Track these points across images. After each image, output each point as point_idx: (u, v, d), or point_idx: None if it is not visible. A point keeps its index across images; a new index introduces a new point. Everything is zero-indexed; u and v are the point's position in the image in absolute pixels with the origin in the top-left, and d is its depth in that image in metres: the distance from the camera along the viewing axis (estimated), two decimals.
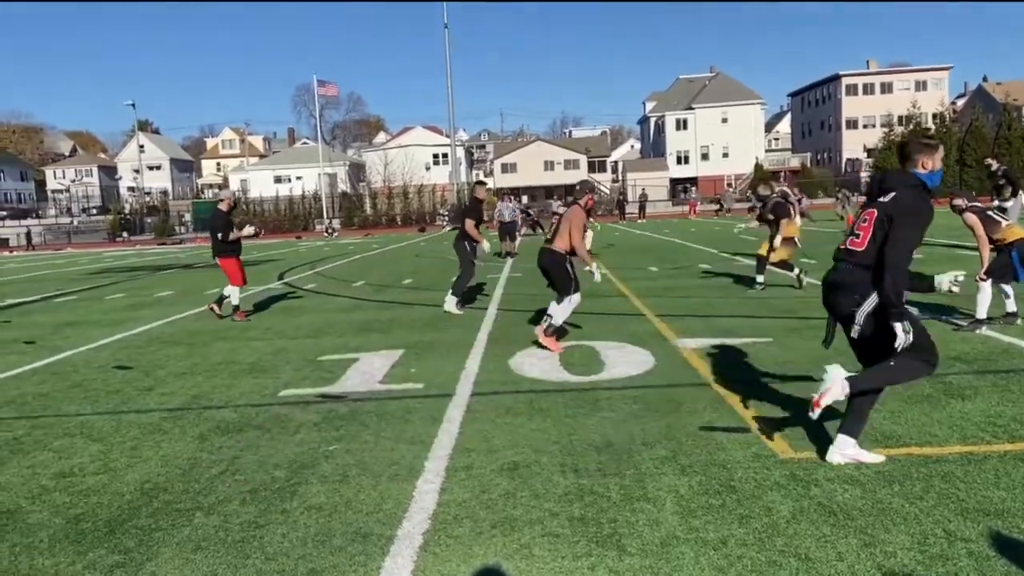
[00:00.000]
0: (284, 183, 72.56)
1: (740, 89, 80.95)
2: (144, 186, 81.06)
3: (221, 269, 10.89)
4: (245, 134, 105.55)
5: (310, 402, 5.98)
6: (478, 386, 6.21)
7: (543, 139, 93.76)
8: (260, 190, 69.32)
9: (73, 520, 3.84)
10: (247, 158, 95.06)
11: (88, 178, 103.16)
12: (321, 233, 50.03)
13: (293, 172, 76.55)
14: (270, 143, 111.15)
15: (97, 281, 19.40)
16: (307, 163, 73.59)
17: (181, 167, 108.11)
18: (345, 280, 16.09)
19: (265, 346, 8.52)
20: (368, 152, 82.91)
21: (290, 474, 4.36)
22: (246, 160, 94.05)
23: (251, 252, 31.71)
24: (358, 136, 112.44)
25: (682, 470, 4.12)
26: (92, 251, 41.47)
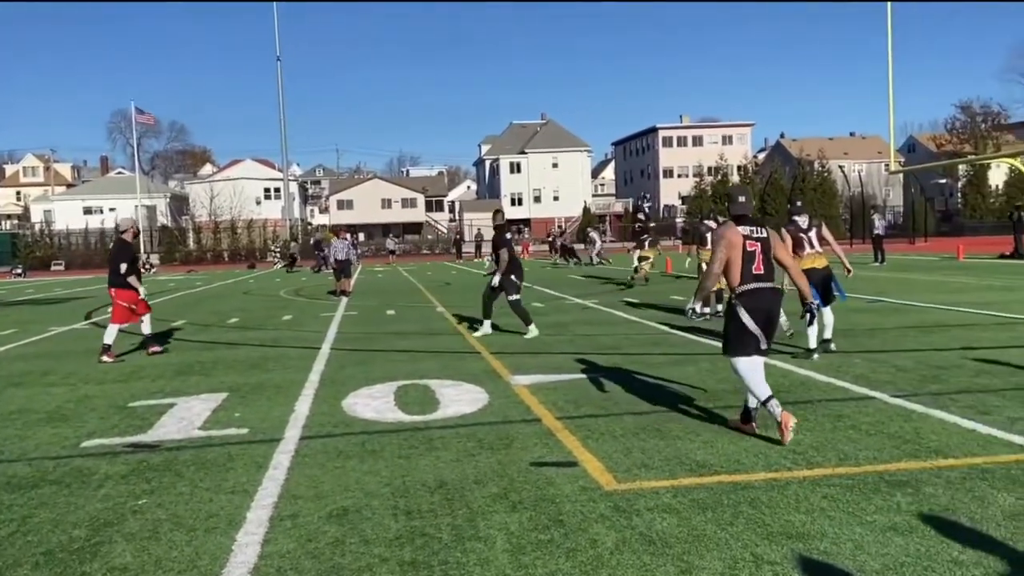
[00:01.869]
0: (95, 215, 67.30)
1: (568, 136, 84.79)
2: None
3: (113, 302, 10.28)
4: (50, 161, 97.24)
5: (118, 452, 5.51)
6: (308, 429, 5.98)
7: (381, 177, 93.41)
8: (67, 222, 63.87)
9: None
10: (52, 187, 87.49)
11: None
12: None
13: (106, 203, 71.21)
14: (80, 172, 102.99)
15: None
16: (122, 194, 68.73)
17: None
18: (163, 319, 15.07)
19: (67, 392, 7.79)
20: (193, 184, 78.82)
21: (91, 532, 3.98)
22: (51, 189, 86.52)
23: (53, 289, 29.07)
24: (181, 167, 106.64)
25: (513, 507, 4.15)
26: None
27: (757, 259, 5.29)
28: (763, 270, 5.31)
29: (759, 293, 5.28)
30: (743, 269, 5.27)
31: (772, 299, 5.35)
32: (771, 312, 5.34)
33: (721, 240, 5.34)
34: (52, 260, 52.55)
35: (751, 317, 5.25)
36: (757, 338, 5.28)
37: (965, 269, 22.12)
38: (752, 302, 5.27)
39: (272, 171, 77.02)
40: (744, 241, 5.27)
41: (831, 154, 71.66)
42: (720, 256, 5.31)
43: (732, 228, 5.35)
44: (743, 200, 5.44)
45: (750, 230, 5.35)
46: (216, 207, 62.28)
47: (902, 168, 48.98)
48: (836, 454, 4.89)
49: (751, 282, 5.27)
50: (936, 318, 11.28)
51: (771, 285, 5.36)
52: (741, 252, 5.26)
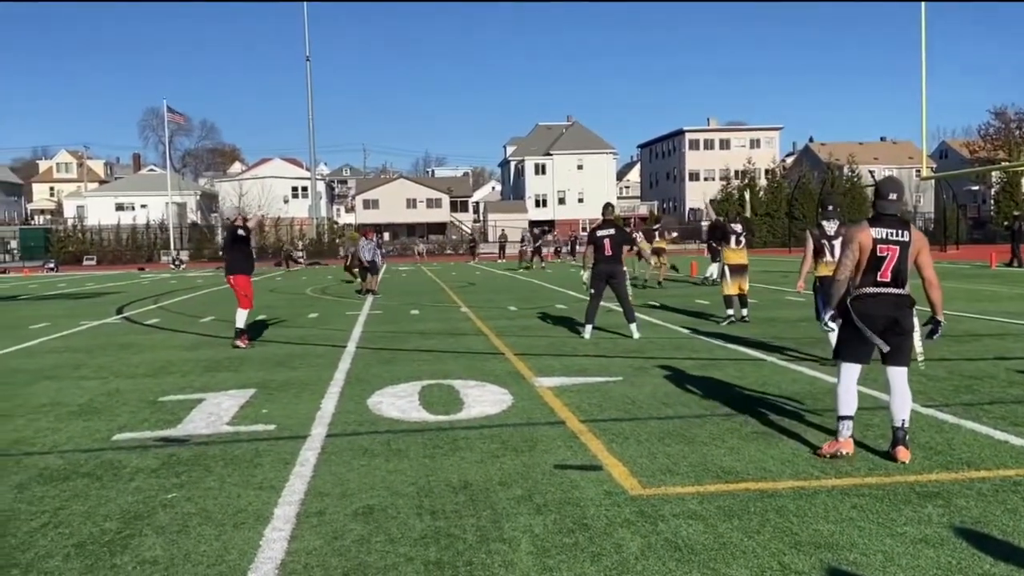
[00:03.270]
0: (127, 211, 68.29)
1: (594, 138, 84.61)
2: None
3: (233, 289, 10.81)
4: (84, 158, 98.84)
5: (148, 446, 5.59)
6: (334, 427, 6.03)
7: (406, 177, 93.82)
8: (99, 218, 64.87)
9: None
10: (85, 183, 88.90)
11: None
12: (167, 265, 47.39)
13: (137, 200, 72.24)
14: (112, 168, 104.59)
15: None
16: (153, 191, 69.71)
17: (8, 190, 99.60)
18: (192, 315, 15.28)
19: (98, 386, 7.91)
20: (222, 182, 79.74)
21: (122, 525, 4.04)
22: (84, 185, 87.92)
23: (85, 283, 29.53)
24: (211, 165, 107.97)
25: (537, 509, 4.15)
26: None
27: (886, 265, 4.88)
28: (889, 276, 4.90)
29: (878, 299, 4.90)
30: (865, 273, 4.93)
31: (893, 306, 4.91)
32: (891, 319, 4.90)
33: (850, 243, 4.95)
34: (84, 255, 53.44)
35: (864, 323, 4.90)
36: (870, 346, 4.95)
37: (998, 277, 21.75)
38: (867, 307, 4.91)
39: (300, 170, 77.69)
40: (876, 245, 4.87)
41: (861, 159, 70.86)
42: (847, 261, 4.94)
43: (864, 230, 4.92)
44: (893, 198, 4.98)
45: (887, 232, 4.88)
46: (244, 205, 62.90)
47: (934, 175, 48.29)
48: (866, 463, 4.83)
49: (870, 287, 4.92)
50: (968, 327, 11.10)
51: (896, 291, 4.92)
52: (869, 256, 4.89)
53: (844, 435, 4.97)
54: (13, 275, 40.97)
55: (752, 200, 56.12)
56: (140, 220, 60.20)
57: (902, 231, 4.91)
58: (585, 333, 10.62)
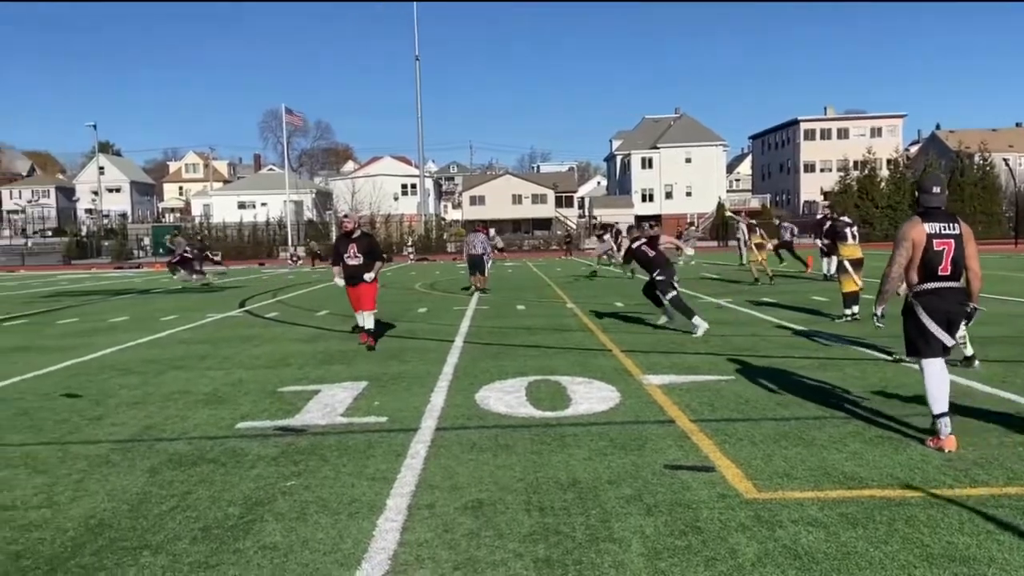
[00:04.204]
0: (248, 209, 71.80)
1: (703, 130, 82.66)
2: (103, 209, 79.64)
3: (366, 292, 10.25)
4: (209, 158, 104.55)
5: (268, 435, 5.82)
6: (443, 420, 6.11)
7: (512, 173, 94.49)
8: (223, 216, 68.48)
9: (13, 557, 3.65)
10: (211, 183, 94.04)
11: (45, 199, 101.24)
12: (285, 261, 49.51)
13: (258, 198, 75.85)
14: (235, 168, 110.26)
15: (50, 304, 18.89)
16: (273, 190, 73.05)
17: (142, 190, 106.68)
18: (308, 309, 15.87)
19: (223, 376, 8.32)
20: (336, 180, 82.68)
21: (244, 511, 4.21)
22: (210, 185, 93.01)
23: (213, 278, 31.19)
24: (325, 164, 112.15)
25: (648, 510, 4.06)
26: (45, 273, 40.45)
27: (945, 258, 4.91)
28: (949, 270, 4.93)
29: (941, 293, 4.95)
30: (926, 268, 4.93)
31: (955, 300, 4.98)
32: (952, 314, 4.97)
33: (903, 240, 4.97)
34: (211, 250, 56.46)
35: (931, 318, 4.91)
36: (939, 339, 4.93)
37: None
38: (933, 302, 4.94)
39: (409, 168, 79.57)
40: (930, 240, 4.90)
41: (994, 146, 66.29)
42: (899, 258, 4.97)
43: (916, 226, 4.95)
44: (937, 191, 5.02)
45: (940, 227, 4.95)
46: (357, 202, 65.01)
47: None
48: (1004, 472, 4.49)
49: (933, 281, 4.94)
50: None
51: (956, 285, 4.97)
52: (924, 251, 4.91)
53: (944, 432, 4.85)
54: (146, 270, 43.78)
55: (873, 191, 53.45)
56: (260, 218, 63.12)
57: (952, 224, 5.00)
58: (698, 331, 10.19)
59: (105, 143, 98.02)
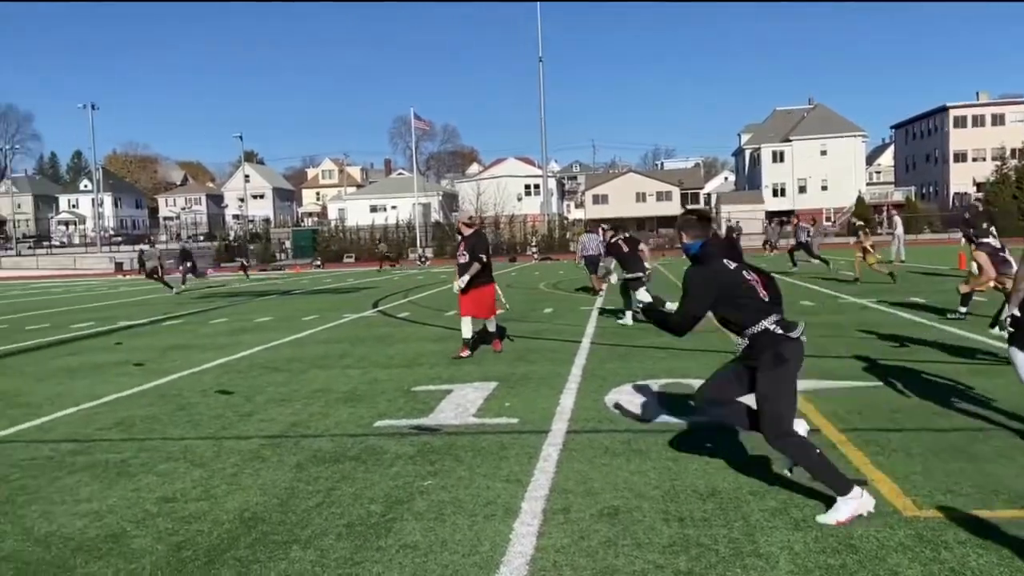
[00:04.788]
0: (380, 212, 74.46)
1: (840, 121, 78.72)
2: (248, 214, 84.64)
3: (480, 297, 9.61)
4: (344, 165, 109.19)
5: (404, 434, 5.96)
6: (574, 423, 6.06)
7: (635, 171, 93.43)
8: (357, 219, 71.32)
9: (175, 548, 3.88)
10: (345, 188, 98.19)
11: (197, 206, 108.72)
12: (414, 262, 50.99)
13: (388, 202, 78.52)
14: (367, 173, 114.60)
15: (201, 305, 20.22)
16: (402, 193, 75.45)
17: (283, 196, 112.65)
18: (438, 309, 16.22)
19: (360, 375, 8.61)
20: (461, 183, 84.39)
21: (385, 509, 4.32)
22: (344, 190, 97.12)
23: (347, 279, 32.50)
24: (451, 167, 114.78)
25: (795, 524, 3.85)
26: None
27: None
28: None
29: None
30: None
31: None
32: None
33: None
34: (344, 253, 58.94)
35: None
36: None
37: None
38: None
39: (532, 168, 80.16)
40: None
41: None
42: None
43: None
44: None
45: None
46: (482, 204, 66.09)
47: None
48: None
49: None
50: None
51: None
52: None
53: None
54: (287, 272, 46.19)
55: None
56: (391, 220, 65.29)
57: None
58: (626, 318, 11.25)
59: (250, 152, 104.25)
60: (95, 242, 73.38)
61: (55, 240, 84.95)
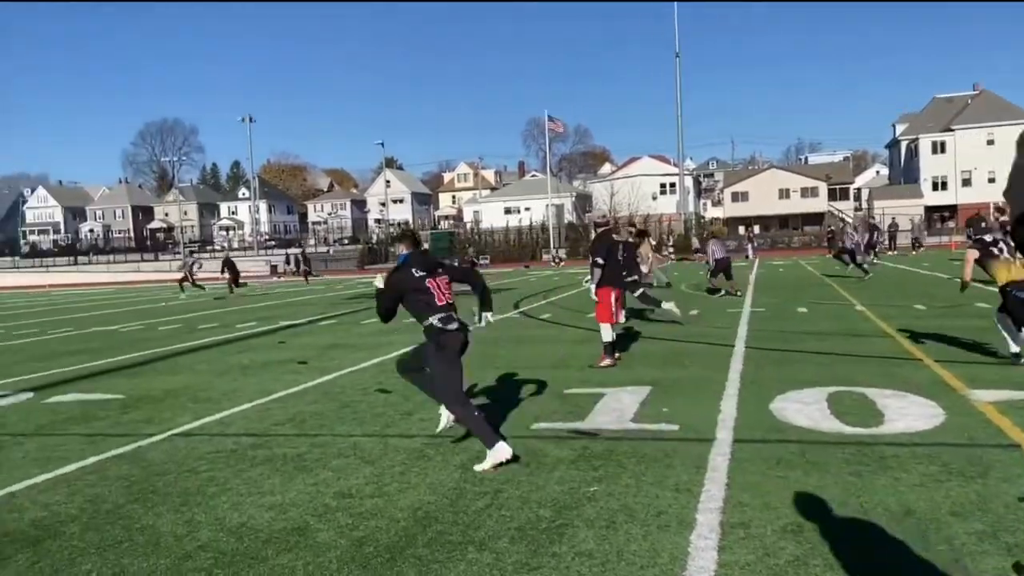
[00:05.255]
0: (514, 214, 75.37)
1: (1009, 108, 72.57)
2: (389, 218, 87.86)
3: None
4: (478, 168, 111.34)
5: (562, 437, 5.92)
6: (739, 432, 5.82)
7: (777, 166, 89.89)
8: (491, 221, 72.50)
9: (357, 543, 4.00)
10: (480, 191, 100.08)
11: (342, 211, 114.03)
12: (548, 263, 51.23)
13: (522, 203, 79.32)
14: (501, 176, 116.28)
15: (352, 306, 21.09)
16: (535, 194, 76.01)
17: (421, 200, 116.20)
18: (578, 311, 16.14)
19: (510, 377, 8.65)
20: (594, 183, 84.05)
21: (554, 514, 4.28)
22: (479, 192, 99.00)
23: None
24: (583, 167, 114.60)
25: (1007, 549, 3.51)
26: (346, 278, 45.41)
27: None
28: None
29: None
30: None
31: None
32: None
33: None
34: (479, 255, 60.05)
35: None
36: None
37: None
38: None
39: (667, 166, 78.66)
40: None
41: None
42: None
43: None
44: None
45: None
46: (615, 204, 65.53)
47: None
48: None
49: None
50: None
51: None
52: None
53: None
54: None
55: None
56: (524, 222, 65.93)
57: None
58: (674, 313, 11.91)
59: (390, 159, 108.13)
60: (252, 246, 78.40)
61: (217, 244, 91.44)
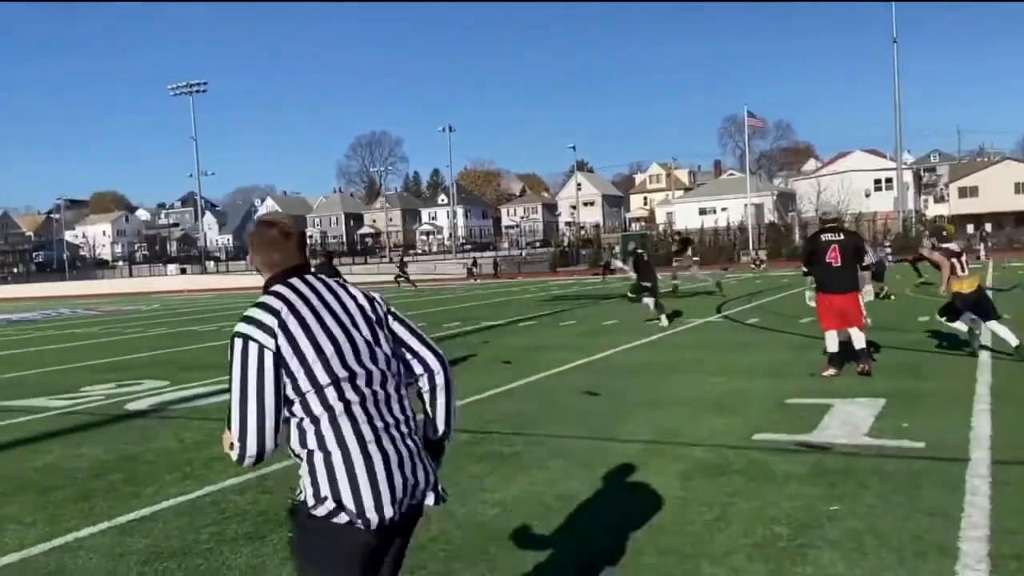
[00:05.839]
0: (709, 215, 73.18)
1: None
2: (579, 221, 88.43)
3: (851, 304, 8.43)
4: (671, 168, 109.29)
5: (789, 450, 5.56)
6: (998, 452, 5.17)
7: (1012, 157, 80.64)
8: (685, 222, 70.84)
9: (583, 546, 3.94)
10: (673, 191, 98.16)
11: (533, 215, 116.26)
12: (748, 265, 49.19)
13: (718, 204, 76.86)
14: (695, 176, 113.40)
15: (549, 308, 21.37)
16: (732, 194, 73.39)
17: (611, 202, 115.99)
18: (789, 316, 15.27)
19: (724, 383, 8.30)
20: (798, 180, 79.77)
21: (793, 532, 3.99)
22: (672, 193, 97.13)
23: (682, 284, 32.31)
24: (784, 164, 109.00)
25: None
26: (539, 280, 46.25)
27: None
28: None
29: None
30: None
31: None
32: None
33: None
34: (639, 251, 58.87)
35: None
36: None
37: None
38: None
39: (882, 160, 73.03)
40: None
41: None
42: None
43: None
44: None
45: None
46: (823, 202, 61.75)
47: None
48: None
49: None
50: None
51: None
52: None
53: None
54: (619, 276, 47.28)
55: None
56: (721, 223, 63.79)
57: None
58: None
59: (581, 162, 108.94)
60: (450, 250, 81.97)
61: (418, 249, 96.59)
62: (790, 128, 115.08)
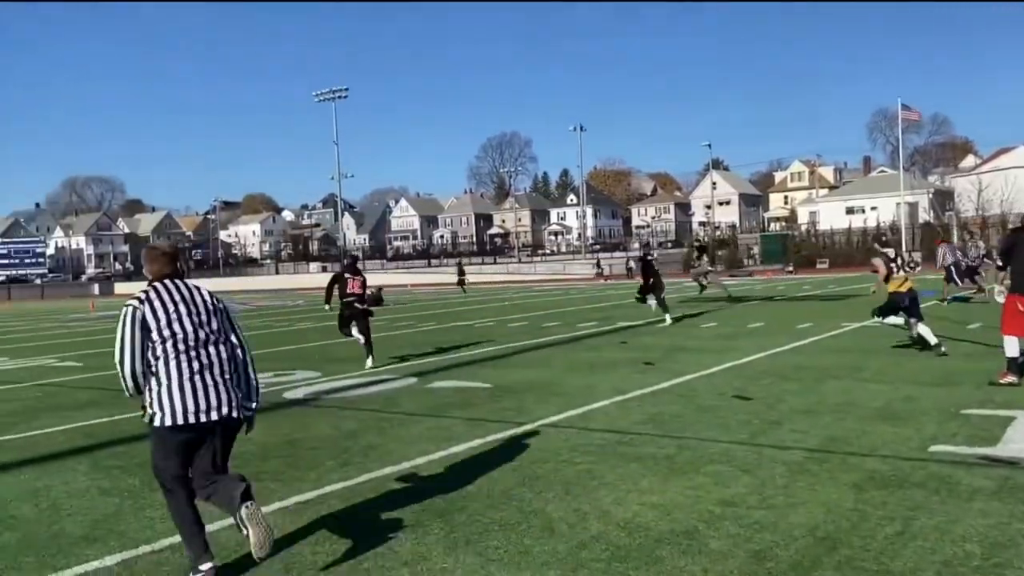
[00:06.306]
0: (857, 214, 69.40)
1: None
2: (715, 220, 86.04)
3: None
4: (815, 165, 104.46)
5: (971, 464, 5.13)
6: None
7: None
8: (830, 222, 67.48)
9: (754, 555, 3.78)
10: (816, 190, 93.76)
11: (665, 215, 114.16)
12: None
13: (867, 203, 72.75)
14: (841, 173, 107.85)
15: (686, 309, 20.87)
16: (883, 192, 69.32)
17: (749, 201, 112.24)
18: (955, 321, 14.21)
19: (888, 391, 7.80)
20: (956, 178, 74.31)
21: (985, 551, 3.67)
22: (815, 192, 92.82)
23: (827, 285, 30.79)
24: (940, 161, 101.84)
25: None
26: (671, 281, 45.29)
27: None
28: None
29: None
30: None
31: None
32: None
33: None
34: (817, 258, 56.20)
35: None
36: None
37: None
38: None
39: None
40: None
41: None
42: None
43: None
44: None
45: None
46: (984, 201, 57.22)
47: None
48: None
49: None
50: None
51: None
52: None
53: None
54: (757, 277, 45.62)
55: None
56: (871, 223, 60.33)
57: None
58: None
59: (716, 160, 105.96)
60: (579, 250, 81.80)
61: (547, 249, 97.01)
62: (947, 122, 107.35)
